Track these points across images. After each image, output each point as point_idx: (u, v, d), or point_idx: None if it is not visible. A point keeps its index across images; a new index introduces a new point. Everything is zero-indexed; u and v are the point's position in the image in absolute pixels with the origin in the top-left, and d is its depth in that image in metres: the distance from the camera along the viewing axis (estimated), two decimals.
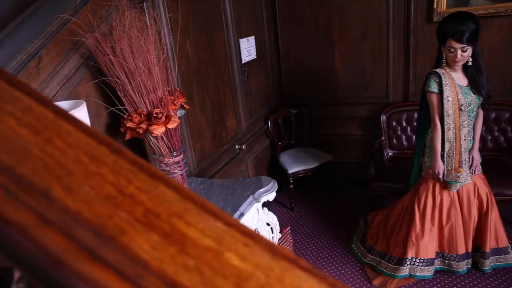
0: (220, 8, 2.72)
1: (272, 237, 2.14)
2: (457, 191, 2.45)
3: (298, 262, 0.36)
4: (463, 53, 2.17)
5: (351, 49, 3.59)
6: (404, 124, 3.46)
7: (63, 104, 1.36)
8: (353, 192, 3.81)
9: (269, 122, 3.59)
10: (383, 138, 3.47)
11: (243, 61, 3.06)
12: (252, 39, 3.20)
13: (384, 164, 3.43)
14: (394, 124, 3.47)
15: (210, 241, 0.34)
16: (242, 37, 3.03)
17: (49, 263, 0.30)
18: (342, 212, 3.52)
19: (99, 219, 0.32)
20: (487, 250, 2.50)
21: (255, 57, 3.27)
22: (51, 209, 0.32)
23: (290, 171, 3.44)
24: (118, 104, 1.69)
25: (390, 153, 3.50)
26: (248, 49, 3.13)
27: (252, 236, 0.36)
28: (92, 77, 1.67)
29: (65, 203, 0.33)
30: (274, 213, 2.19)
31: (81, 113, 1.21)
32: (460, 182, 2.37)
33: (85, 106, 1.27)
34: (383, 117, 3.45)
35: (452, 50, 2.18)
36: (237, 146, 2.99)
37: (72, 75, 1.58)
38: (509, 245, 2.55)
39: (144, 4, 1.97)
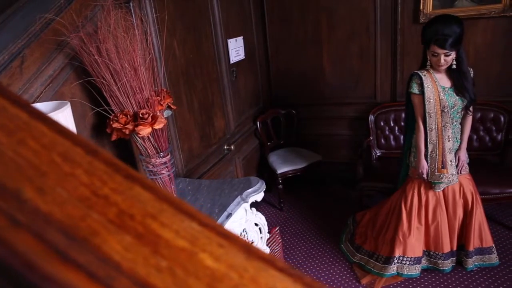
0: (208, 8, 2.72)
1: (261, 237, 2.14)
2: (443, 191, 2.48)
3: (274, 262, 0.36)
4: (446, 58, 2.19)
5: (339, 50, 3.61)
6: (392, 124, 3.50)
7: (47, 105, 1.34)
8: (342, 191, 3.83)
9: (258, 123, 3.60)
10: (371, 138, 3.50)
11: (232, 62, 3.06)
12: (240, 39, 3.20)
13: (372, 163, 3.46)
14: (382, 124, 3.50)
15: (184, 242, 0.34)
16: (230, 38, 3.02)
17: (18, 265, 0.30)
18: (330, 211, 3.54)
19: (71, 220, 0.32)
20: (471, 249, 2.54)
21: (244, 57, 3.27)
22: (22, 211, 0.32)
23: (279, 171, 3.44)
24: (104, 105, 1.67)
25: (378, 153, 3.53)
26: (236, 49, 3.12)
27: (228, 236, 0.36)
28: (78, 78, 1.65)
29: (36, 204, 0.33)
30: (263, 213, 2.19)
31: (65, 114, 1.19)
32: (443, 182, 2.40)
33: (69, 106, 1.25)
34: (371, 117, 3.48)
35: (436, 54, 2.20)
36: (225, 147, 2.99)
37: (57, 76, 1.56)
38: (493, 246, 2.59)
39: (131, 4, 1.95)
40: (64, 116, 1.18)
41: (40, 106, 1.34)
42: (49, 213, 0.32)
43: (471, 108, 2.40)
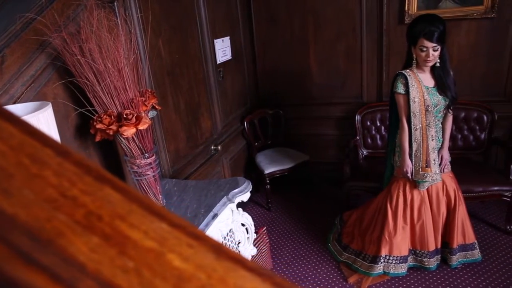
0: (194, 8, 2.71)
1: (247, 237, 2.14)
2: (427, 190, 2.52)
3: (244, 262, 0.36)
4: (434, 53, 2.23)
5: (325, 50, 3.63)
6: (378, 124, 3.53)
7: (27, 106, 1.32)
8: (329, 191, 3.85)
9: (245, 123, 3.59)
10: (357, 137, 3.53)
11: (218, 62, 3.05)
12: (227, 39, 3.19)
13: (359, 163, 3.49)
14: (368, 123, 3.53)
15: (152, 243, 0.34)
16: (217, 38, 3.02)
17: None
18: (318, 211, 3.56)
19: (37, 222, 0.32)
20: (455, 246, 2.58)
21: (231, 57, 3.27)
22: None
23: (267, 171, 3.45)
24: (88, 106, 1.66)
25: (365, 153, 3.56)
26: (223, 49, 3.12)
27: (198, 237, 0.36)
28: (60, 78, 1.63)
29: (1, 206, 0.32)
30: (250, 213, 2.19)
31: (46, 115, 1.18)
32: (427, 181, 2.43)
33: (51, 107, 1.24)
34: (358, 117, 3.51)
35: (424, 49, 2.23)
36: (212, 147, 2.98)
37: (39, 76, 1.54)
38: (476, 242, 2.64)
39: (115, 3, 1.94)
40: (45, 117, 1.16)
41: (21, 107, 1.32)
42: (13, 215, 0.32)
43: (451, 108, 2.44)
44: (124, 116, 1.60)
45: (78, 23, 1.59)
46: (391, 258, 2.62)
